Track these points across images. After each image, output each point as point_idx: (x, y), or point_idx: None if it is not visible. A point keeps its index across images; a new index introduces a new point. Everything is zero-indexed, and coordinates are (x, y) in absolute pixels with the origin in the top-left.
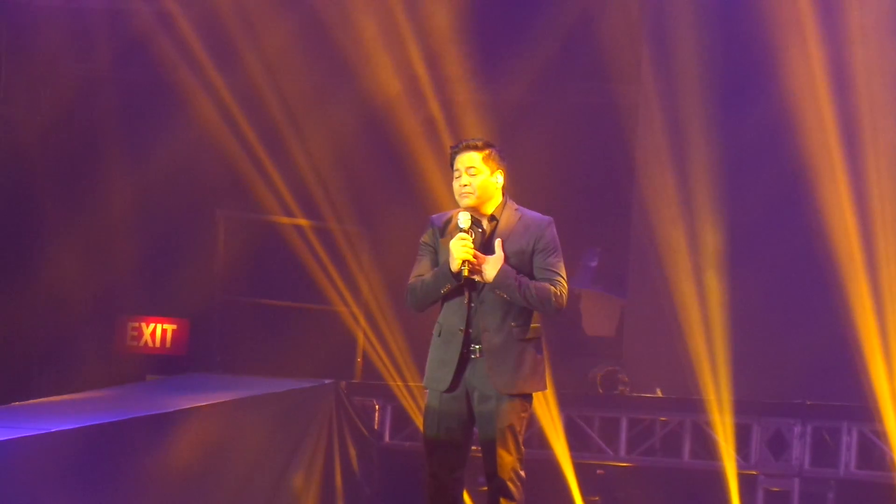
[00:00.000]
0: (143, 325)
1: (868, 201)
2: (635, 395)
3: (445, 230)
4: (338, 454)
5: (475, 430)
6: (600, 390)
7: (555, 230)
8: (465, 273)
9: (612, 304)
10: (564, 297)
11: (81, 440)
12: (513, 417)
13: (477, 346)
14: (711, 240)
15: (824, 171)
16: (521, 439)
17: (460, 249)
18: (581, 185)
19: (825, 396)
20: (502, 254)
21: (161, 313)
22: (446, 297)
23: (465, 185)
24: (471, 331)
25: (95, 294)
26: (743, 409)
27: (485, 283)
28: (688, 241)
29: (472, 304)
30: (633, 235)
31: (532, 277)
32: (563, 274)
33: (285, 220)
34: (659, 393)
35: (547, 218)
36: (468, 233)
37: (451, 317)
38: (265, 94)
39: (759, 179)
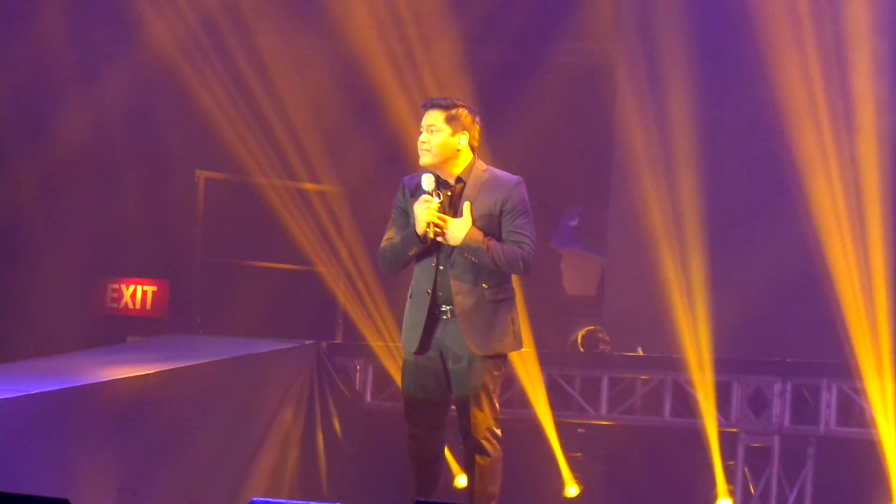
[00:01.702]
0: (123, 286)
1: (848, 161)
2: (616, 353)
3: (416, 192)
4: (319, 415)
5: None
6: (581, 349)
7: (524, 190)
8: (431, 235)
9: (593, 264)
10: (532, 259)
11: (60, 402)
12: (486, 377)
13: (448, 308)
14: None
15: (805, 128)
16: (495, 398)
17: (424, 212)
18: (560, 145)
19: (805, 354)
20: (470, 217)
21: (141, 275)
22: (417, 259)
23: (423, 143)
24: (439, 293)
25: (75, 256)
26: (723, 368)
27: (453, 246)
28: (667, 199)
29: (441, 267)
30: (613, 194)
31: (500, 239)
32: (532, 235)
33: (265, 180)
34: (640, 352)
35: (515, 178)
36: (432, 195)
37: (420, 279)
38: (242, 53)
39: (739, 138)
